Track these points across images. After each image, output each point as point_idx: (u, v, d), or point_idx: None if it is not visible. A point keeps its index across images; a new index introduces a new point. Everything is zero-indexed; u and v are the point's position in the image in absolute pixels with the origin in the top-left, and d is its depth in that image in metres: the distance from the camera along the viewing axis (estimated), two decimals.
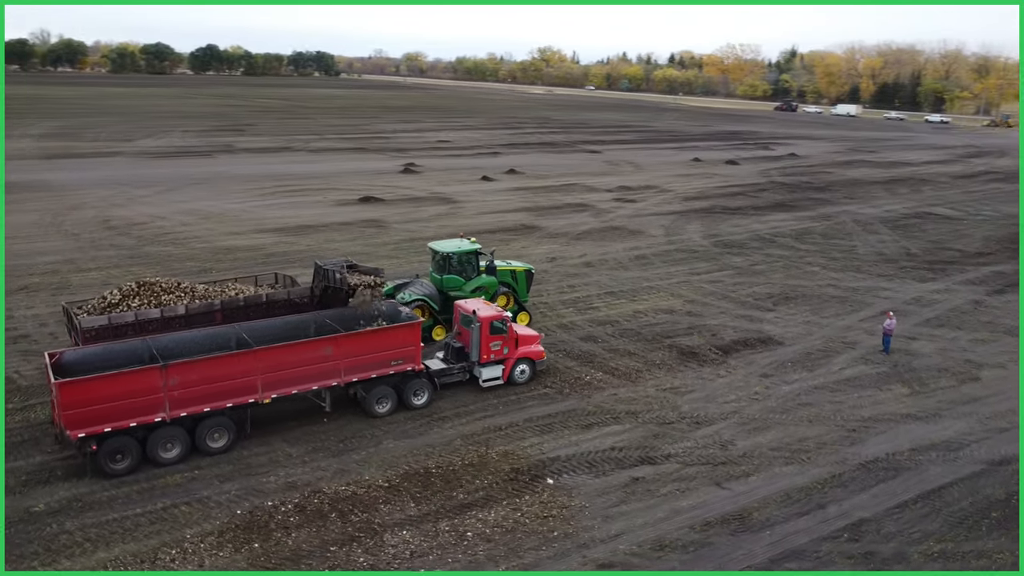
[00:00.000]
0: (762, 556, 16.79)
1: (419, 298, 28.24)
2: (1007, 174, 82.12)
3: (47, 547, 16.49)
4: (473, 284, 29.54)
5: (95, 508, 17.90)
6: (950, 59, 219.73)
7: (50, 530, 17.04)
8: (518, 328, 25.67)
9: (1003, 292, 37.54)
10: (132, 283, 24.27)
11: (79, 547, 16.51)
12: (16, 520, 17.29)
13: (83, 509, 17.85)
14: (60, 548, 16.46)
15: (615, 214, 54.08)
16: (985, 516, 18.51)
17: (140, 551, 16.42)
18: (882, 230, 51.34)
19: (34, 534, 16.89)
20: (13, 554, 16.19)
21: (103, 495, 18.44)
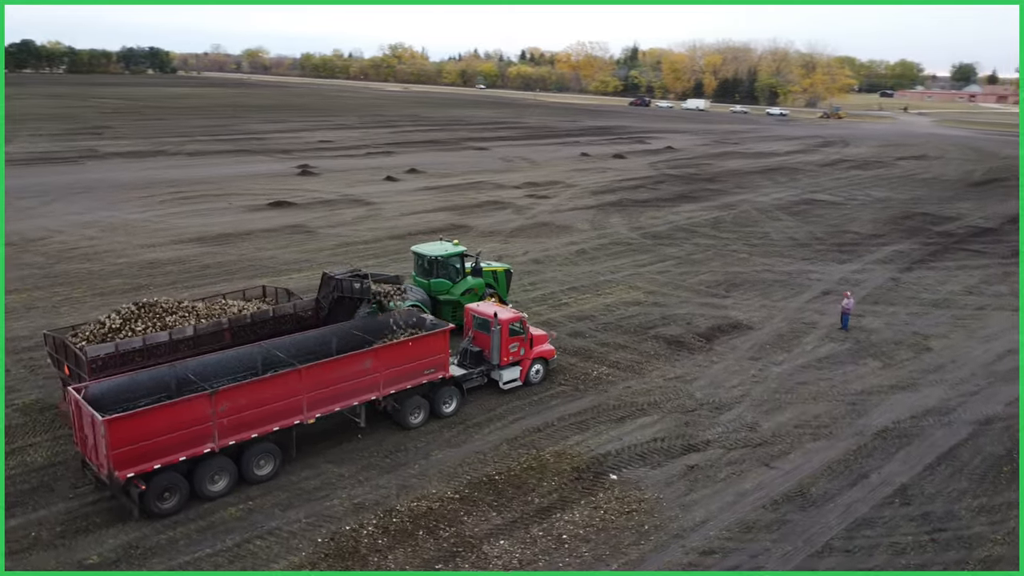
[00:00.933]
0: (838, 527, 17.92)
1: (415, 304, 27.59)
2: (861, 161, 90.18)
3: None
4: (462, 287, 29.22)
5: (159, 553, 16.40)
6: (779, 56, 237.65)
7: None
8: (531, 328, 25.72)
9: (912, 269, 41.48)
10: (131, 305, 22.20)
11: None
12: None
13: (146, 556, 16.30)
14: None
15: (535, 210, 54.78)
16: (999, 471, 20.64)
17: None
18: (782, 216, 55.15)
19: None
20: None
21: (160, 538, 16.91)
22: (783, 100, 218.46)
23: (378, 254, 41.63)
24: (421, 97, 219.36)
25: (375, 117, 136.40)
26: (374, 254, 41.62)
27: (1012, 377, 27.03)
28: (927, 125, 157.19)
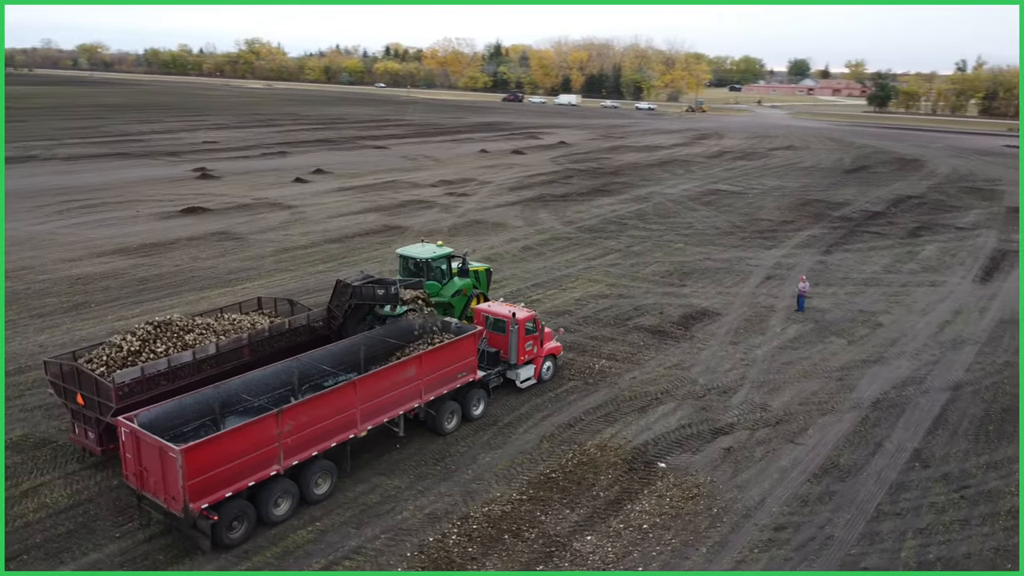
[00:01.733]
0: (880, 494, 19.38)
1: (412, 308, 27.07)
2: (741, 152, 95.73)
3: None
4: (452, 288, 28.94)
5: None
6: (640, 53, 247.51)
7: None
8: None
9: (831, 253, 44.78)
10: (146, 325, 20.59)
11: None
12: None
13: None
14: None
15: (462, 208, 54.71)
16: (986, 431, 22.93)
17: None
18: (697, 207, 57.89)
19: None
20: None
21: (241, 568, 15.95)
22: (647, 95, 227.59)
23: (324, 259, 40.36)
24: (290, 95, 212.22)
25: (252, 116, 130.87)
26: (320, 259, 40.32)
27: (957, 346, 29.91)
28: (783, 117, 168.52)
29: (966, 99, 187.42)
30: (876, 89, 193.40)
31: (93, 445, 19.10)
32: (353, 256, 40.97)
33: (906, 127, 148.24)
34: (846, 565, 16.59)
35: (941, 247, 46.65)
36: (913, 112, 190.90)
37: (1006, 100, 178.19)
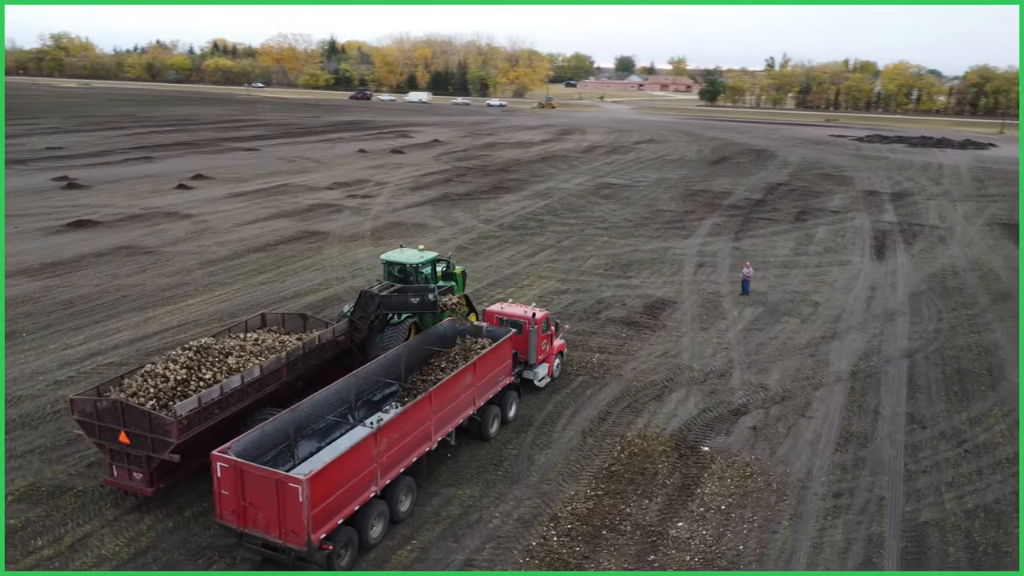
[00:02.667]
0: (901, 456, 21.45)
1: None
2: (611, 147, 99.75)
3: None
4: None
5: None
6: (484, 51, 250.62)
7: None
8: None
9: (740, 239, 48.06)
10: (185, 351, 18.90)
11: None
12: None
13: None
14: None
15: (373, 211, 53.61)
16: (953, 391, 25.87)
17: None
18: (599, 200, 59.99)
19: None
20: None
21: None
22: (494, 92, 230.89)
23: (258, 270, 38.35)
24: (116, 94, 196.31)
25: (84, 119, 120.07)
26: (253, 270, 38.27)
27: (890, 318, 33.26)
28: (628, 112, 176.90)
29: (784, 93, 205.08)
30: (707, 85, 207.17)
31: (142, 486, 17.44)
32: (287, 265, 39.20)
33: (739, 119, 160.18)
34: (907, 521, 18.32)
35: (828, 229, 51.25)
36: (739, 106, 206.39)
37: (818, 93, 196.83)
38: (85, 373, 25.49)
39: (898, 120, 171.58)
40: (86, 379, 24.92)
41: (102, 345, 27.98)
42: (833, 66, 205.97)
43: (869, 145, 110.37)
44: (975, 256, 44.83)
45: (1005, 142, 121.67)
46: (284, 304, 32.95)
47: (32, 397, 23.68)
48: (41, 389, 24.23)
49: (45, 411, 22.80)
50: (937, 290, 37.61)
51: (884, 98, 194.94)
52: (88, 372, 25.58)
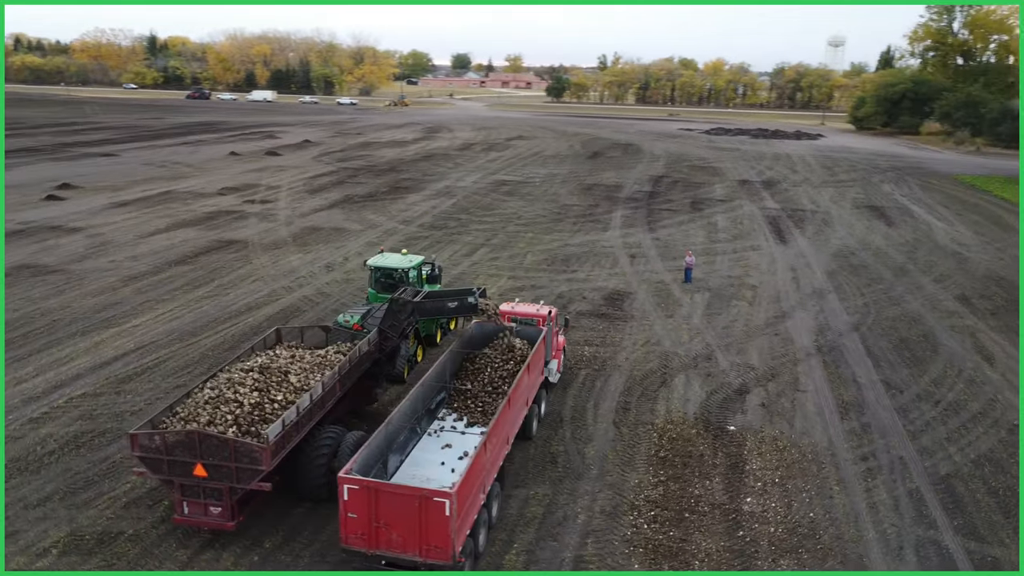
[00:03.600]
0: (899, 417, 23.77)
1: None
2: (486, 144, 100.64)
3: None
4: None
5: None
6: (325, 48, 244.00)
7: None
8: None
9: (654, 230, 50.47)
10: (249, 373, 17.57)
11: None
12: None
13: None
14: None
15: (281, 216, 51.46)
16: (905, 358, 28.83)
17: None
18: (505, 197, 60.74)
19: None
20: None
21: None
22: (339, 90, 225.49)
23: (192, 284, 35.93)
24: None
25: None
26: (186, 285, 35.81)
27: (823, 296, 36.36)
28: (482, 109, 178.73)
29: (625, 90, 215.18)
30: (553, 82, 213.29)
31: (220, 521, 16.22)
32: (221, 277, 36.99)
33: (589, 115, 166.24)
34: (931, 475, 20.46)
35: (725, 217, 54.86)
36: (584, 102, 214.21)
37: (656, 89, 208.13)
38: (60, 407, 23.05)
39: (731, 113, 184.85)
40: (64, 414, 22.59)
41: (60, 376, 25.34)
42: (668, 64, 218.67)
43: (718, 137, 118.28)
44: (860, 236, 49.64)
45: (829, 132, 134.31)
46: (241, 318, 31.25)
47: (13, 439, 21.16)
48: (19, 429, 21.69)
49: (37, 453, 20.48)
50: (846, 269, 41.43)
51: (715, 93, 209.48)
52: (63, 406, 23.15)
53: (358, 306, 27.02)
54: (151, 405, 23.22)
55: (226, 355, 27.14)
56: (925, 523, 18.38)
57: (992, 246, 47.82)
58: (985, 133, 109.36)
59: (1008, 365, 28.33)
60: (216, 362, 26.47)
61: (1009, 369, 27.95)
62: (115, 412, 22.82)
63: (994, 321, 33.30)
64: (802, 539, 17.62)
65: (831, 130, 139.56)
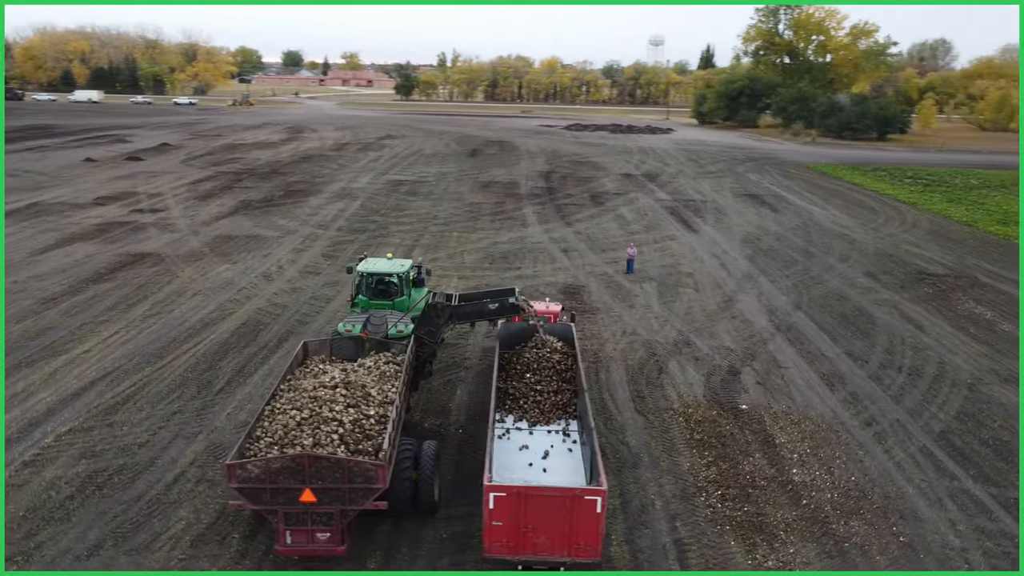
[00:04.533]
0: (876, 386, 26.24)
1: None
2: (360, 144, 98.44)
3: None
4: (419, 300, 27.72)
5: None
6: (152, 44, 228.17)
7: None
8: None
9: (571, 224, 51.85)
10: (333, 391, 16.61)
11: None
12: None
13: None
14: None
15: (181, 226, 48.18)
16: (855, 330, 31.71)
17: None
18: (413, 199, 60.03)
19: None
20: None
21: None
22: (172, 89, 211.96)
23: (124, 302, 33.09)
24: None
25: None
26: (120, 303, 32.95)
27: (751, 279, 39.09)
28: (335, 108, 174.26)
29: (474, 87, 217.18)
30: (402, 80, 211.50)
31: (330, 547, 15.41)
32: (153, 294, 34.31)
33: (445, 112, 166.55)
34: (929, 433, 22.82)
35: (629, 209, 57.27)
36: (435, 99, 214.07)
37: (505, 87, 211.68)
38: (52, 447, 20.74)
39: (580, 110, 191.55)
40: (60, 454, 20.37)
41: (28, 413, 22.73)
42: (517, 61, 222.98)
43: (580, 133, 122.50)
44: (756, 223, 53.50)
45: (677, 127, 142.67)
46: (203, 336, 29.32)
47: (16, 486, 18.86)
48: (17, 475, 19.34)
49: (54, 499, 18.40)
50: (760, 253, 44.65)
51: (561, 90, 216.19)
52: (54, 445, 20.85)
53: (353, 314, 26.06)
54: (156, 436, 21.42)
55: (209, 376, 25.47)
56: (947, 475, 20.55)
57: (868, 227, 53.11)
58: (816, 125, 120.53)
59: (936, 331, 31.86)
60: (204, 384, 24.80)
61: (939, 335, 31.45)
62: (120, 446, 20.83)
63: (907, 294, 37.21)
64: (857, 501, 19.19)
65: (677, 125, 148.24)
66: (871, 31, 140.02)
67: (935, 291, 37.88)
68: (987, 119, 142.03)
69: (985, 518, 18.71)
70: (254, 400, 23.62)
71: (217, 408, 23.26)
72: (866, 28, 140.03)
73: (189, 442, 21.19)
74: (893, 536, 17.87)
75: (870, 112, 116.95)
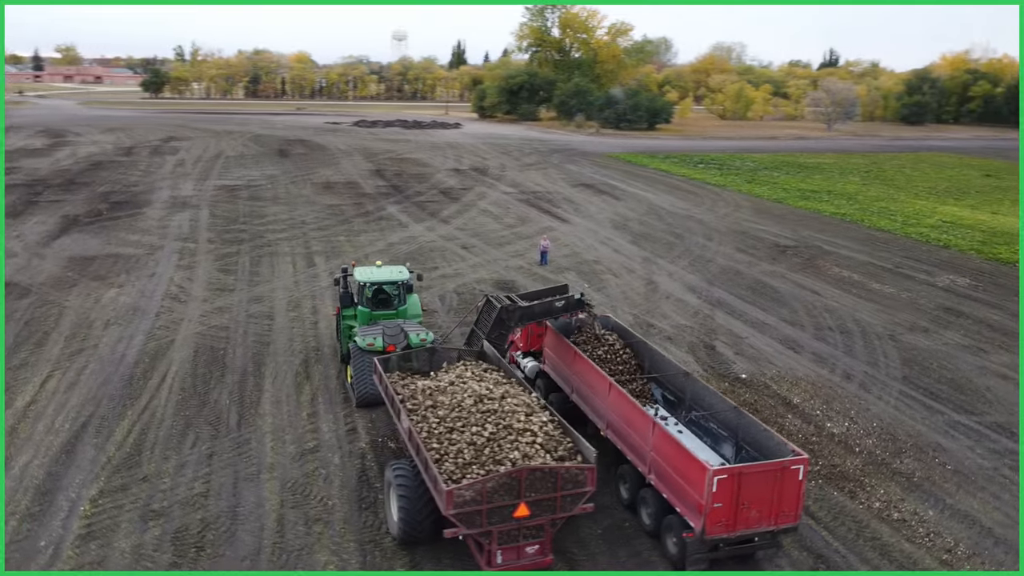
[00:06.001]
0: (825, 341, 30.06)
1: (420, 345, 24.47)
2: (148, 147, 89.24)
3: None
4: (417, 306, 26.91)
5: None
6: None
7: None
8: None
9: (447, 222, 51.94)
10: (514, 399, 15.81)
11: None
12: None
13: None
14: None
15: (15, 248, 41.50)
16: (768, 296, 35.75)
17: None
18: (256, 203, 56.14)
19: None
20: None
21: None
22: None
23: (28, 345, 28.34)
24: None
25: None
26: (24, 347, 28.16)
27: (650, 260, 42.22)
28: (80, 108, 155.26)
29: (234, 83, 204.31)
30: (150, 75, 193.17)
31: (539, 558, 15.12)
32: (53, 328, 29.67)
33: (208, 111, 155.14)
34: (899, 379, 26.75)
35: (487, 203, 58.40)
36: (189, 96, 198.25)
37: (268, 83, 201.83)
38: (95, 515, 17.69)
39: (354, 106, 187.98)
40: (115, 520, 17.49)
41: (28, 478, 19.10)
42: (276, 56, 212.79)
43: (375, 130, 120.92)
44: (611, 211, 57.17)
45: (462, 121, 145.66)
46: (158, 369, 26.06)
47: (92, 564, 15.97)
48: (81, 552, 16.35)
49: (123, 549, 15.92)
50: (640, 238, 48.04)
51: (327, 87, 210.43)
52: (96, 514, 17.79)
53: (369, 326, 24.71)
54: (212, 483, 19.06)
55: (209, 411, 22.91)
56: (935, 412, 24.40)
57: (704, 209, 58.99)
58: (594, 117, 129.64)
59: (830, 294, 36.82)
60: (214, 421, 22.34)
61: (834, 297, 36.41)
62: (180, 501, 18.29)
63: (781, 265, 42.31)
64: (893, 443, 22.24)
65: (459, 120, 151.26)
66: (627, 30, 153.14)
67: (802, 260, 43.46)
68: (727, 109, 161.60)
69: (988, 441, 22.62)
70: (290, 429, 21.77)
71: (254, 443, 21.10)
72: (622, 27, 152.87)
73: (255, 483, 19.13)
74: (940, 465, 21.07)
75: (642, 105, 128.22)
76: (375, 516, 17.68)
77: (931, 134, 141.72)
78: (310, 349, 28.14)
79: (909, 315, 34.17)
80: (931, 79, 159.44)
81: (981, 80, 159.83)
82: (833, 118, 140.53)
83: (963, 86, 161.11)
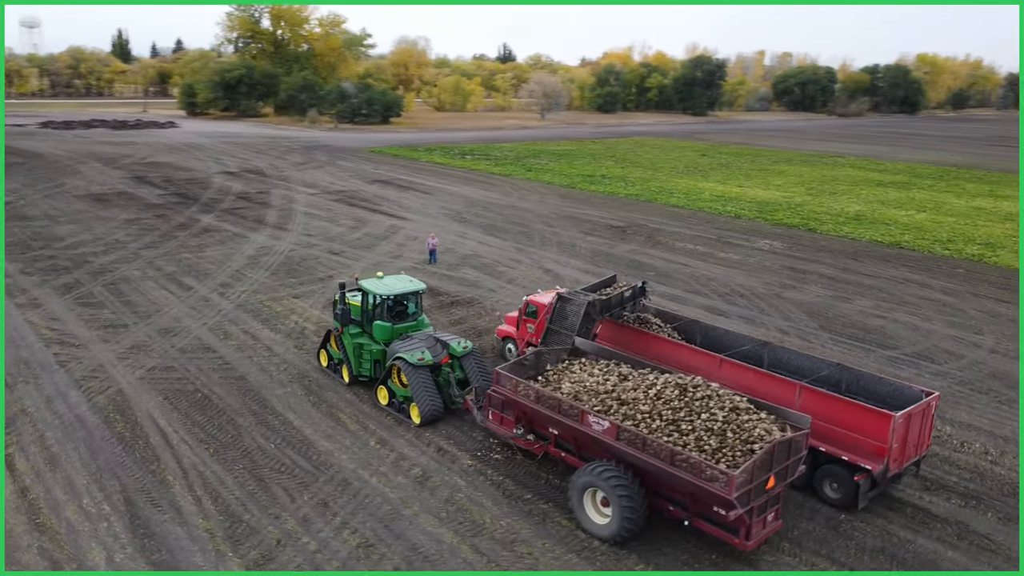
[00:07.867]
0: (760, 305, 34.37)
1: None
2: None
3: None
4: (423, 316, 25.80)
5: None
6: None
7: None
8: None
9: (286, 228, 48.56)
10: (712, 387, 16.29)
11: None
12: None
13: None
14: None
15: None
16: (660, 271, 39.56)
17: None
18: (41, 225, 47.53)
19: None
20: None
21: None
22: None
23: None
24: None
25: None
26: None
27: (528, 251, 43.98)
28: None
29: None
30: None
31: (775, 524, 16.41)
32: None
33: None
34: (837, 332, 31.72)
35: (302, 206, 55.39)
36: None
37: None
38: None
39: (15, 104, 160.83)
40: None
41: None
42: None
43: (76, 132, 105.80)
44: (436, 206, 57.44)
45: (172, 119, 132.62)
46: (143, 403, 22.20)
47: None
48: None
49: None
50: (493, 230, 49.22)
51: None
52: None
53: (407, 341, 23.22)
54: (360, 533, 17.21)
55: (261, 460, 20.24)
56: (871, 351, 29.51)
57: (514, 197, 61.78)
58: (327, 112, 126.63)
59: (705, 268, 41.53)
60: (284, 470, 19.80)
61: (709, 269, 41.20)
62: (336, 556, 16.32)
63: (632, 244, 46.44)
64: None
65: (168, 117, 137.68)
66: (339, 22, 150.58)
67: (645, 239, 48.09)
68: (444, 101, 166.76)
69: (923, 367, 28.10)
70: (375, 461, 20.09)
71: (354, 481, 19.16)
72: (335, 20, 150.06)
73: (408, 522, 17.59)
74: (953, 380, 26.13)
75: (375, 98, 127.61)
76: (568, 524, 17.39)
77: (624, 120, 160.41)
78: (293, 376, 25.53)
79: (770, 276, 39.94)
80: (615, 72, 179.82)
81: (654, 73, 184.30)
82: (545, 108, 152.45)
83: (641, 78, 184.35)
